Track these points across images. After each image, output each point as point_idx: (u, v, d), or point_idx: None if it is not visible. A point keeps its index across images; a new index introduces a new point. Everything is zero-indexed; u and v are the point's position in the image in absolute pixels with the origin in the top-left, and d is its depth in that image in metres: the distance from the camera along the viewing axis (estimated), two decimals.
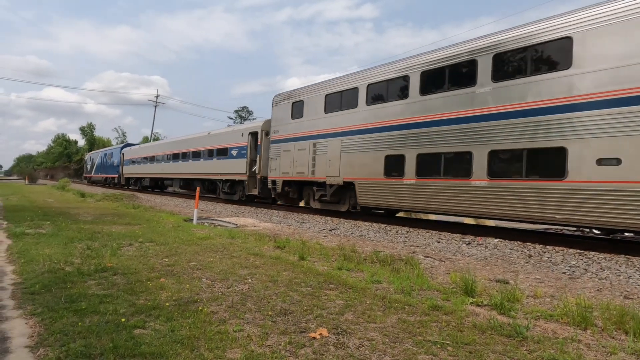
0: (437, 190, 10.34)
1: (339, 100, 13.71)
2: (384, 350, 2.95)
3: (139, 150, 34.53)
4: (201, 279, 4.81)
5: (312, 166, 14.47)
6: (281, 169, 15.99)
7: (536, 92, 8.59)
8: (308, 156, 14.62)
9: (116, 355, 2.67)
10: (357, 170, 12.69)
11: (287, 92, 16.43)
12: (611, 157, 7.45)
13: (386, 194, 11.71)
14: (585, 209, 7.73)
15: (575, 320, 3.68)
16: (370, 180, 12.24)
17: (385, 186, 11.72)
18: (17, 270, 4.94)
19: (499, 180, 9.12)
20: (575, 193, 7.86)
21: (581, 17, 8.08)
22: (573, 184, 7.90)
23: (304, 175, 14.83)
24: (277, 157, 16.28)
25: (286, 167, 15.72)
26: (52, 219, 10.30)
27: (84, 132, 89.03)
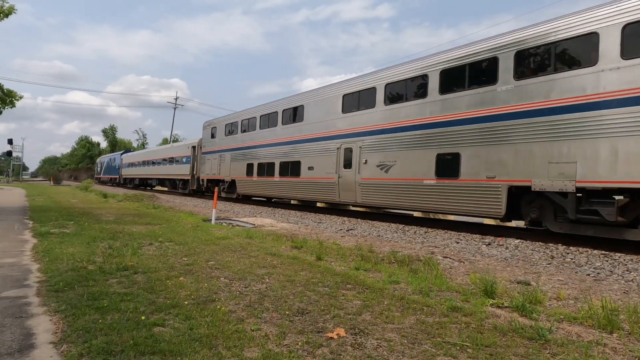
0: (280, 184, 17.14)
1: (230, 128, 21.80)
2: (402, 352, 2.92)
3: (132, 156, 44.13)
4: (219, 278, 4.86)
5: (218, 170, 22.36)
6: (205, 171, 23.93)
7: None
8: (218, 163, 22.46)
9: (136, 352, 2.71)
10: (237, 172, 20.39)
11: (209, 120, 24.61)
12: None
13: (253, 187, 19.14)
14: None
15: (601, 324, 3.57)
16: (244, 178, 19.77)
17: (253, 182, 19.05)
18: (42, 268, 5.08)
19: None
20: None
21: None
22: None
23: (215, 175, 22.70)
24: (204, 163, 24.28)
25: (208, 170, 23.61)
26: (76, 219, 10.56)
27: (106, 134, 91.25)
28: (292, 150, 16.35)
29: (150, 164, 35.97)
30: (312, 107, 15.58)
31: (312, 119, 15.47)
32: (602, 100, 7.77)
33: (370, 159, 12.69)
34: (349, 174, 13.41)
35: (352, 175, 13.29)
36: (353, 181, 13.24)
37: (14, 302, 3.76)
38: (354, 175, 13.21)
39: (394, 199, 11.95)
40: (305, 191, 15.53)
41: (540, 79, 8.70)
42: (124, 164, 45.05)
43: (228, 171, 21.17)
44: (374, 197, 12.59)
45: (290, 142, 16.51)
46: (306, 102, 15.92)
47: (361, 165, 12.97)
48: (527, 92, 8.89)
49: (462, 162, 10.08)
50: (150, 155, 37.10)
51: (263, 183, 18.13)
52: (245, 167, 19.57)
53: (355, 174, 13.19)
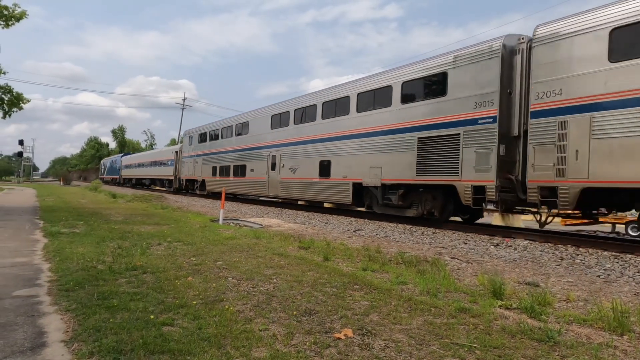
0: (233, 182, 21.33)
1: (202, 137, 26.12)
2: (410, 352, 2.92)
3: (130, 158, 48.93)
4: (227, 278, 4.88)
5: (193, 172, 26.91)
6: (184, 172, 28.60)
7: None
8: (193, 166, 27.00)
9: (146, 351, 2.74)
10: (206, 174, 24.77)
11: (187, 130, 29.58)
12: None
13: (217, 185, 22.96)
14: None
15: (611, 326, 3.53)
16: (210, 178, 24.06)
17: (216, 181, 23.18)
18: (52, 268, 5.14)
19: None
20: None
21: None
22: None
23: (191, 176, 27.22)
24: (183, 166, 29.03)
25: (186, 171, 28.28)
26: (85, 219, 10.68)
27: (116, 134, 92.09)
28: (241, 156, 20.91)
29: (144, 165, 41.17)
30: (253, 124, 20.18)
31: (253, 133, 20.05)
32: (393, 129, 12.22)
33: (286, 163, 17.06)
34: (274, 175, 17.78)
35: (276, 175, 17.65)
36: (276, 180, 17.60)
37: (26, 301, 3.81)
38: (277, 175, 17.58)
39: (298, 192, 16.48)
40: (249, 187, 20.14)
41: (360, 114, 13.59)
42: (123, 166, 49.93)
43: (200, 172, 25.75)
44: (288, 191, 17.08)
45: (240, 150, 21.16)
46: (250, 119, 20.54)
47: (281, 168, 17.35)
48: (364, 120, 13.32)
49: (332, 166, 14.46)
50: (144, 158, 42.67)
51: (223, 182, 22.23)
52: (211, 169, 24.16)
53: (277, 175, 17.56)
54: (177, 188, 30.89)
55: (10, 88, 15.22)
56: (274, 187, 17.77)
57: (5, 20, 13.97)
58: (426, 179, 11.04)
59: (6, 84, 15.20)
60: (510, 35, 9.81)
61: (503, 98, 9.61)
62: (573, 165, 8.12)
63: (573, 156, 8.12)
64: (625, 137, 7.37)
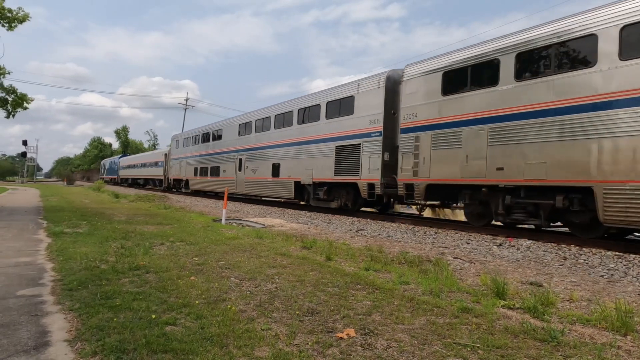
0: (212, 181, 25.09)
1: (186, 142, 30.19)
2: (412, 352, 2.91)
3: (127, 160, 53.05)
4: (230, 278, 4.89)
5: (179, 172, 31.00)
6: (172, 173, 32.57)
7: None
8: (179, 167, 31.06)
9: (149, 351, 2.74)
10: (189, 174, 28.71)
11: (175, 134, 34.29)
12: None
13: (197, 184, 27.29)
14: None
15: (615, 326, 3.52)
16: (192, 178, 27.95)
17: (197, 181, 27.25)
18: (56, 267, 5.16)
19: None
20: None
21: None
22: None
23: (178, 176, 31.26)
24: (171, 167, 33.10)
25: (173, 172, 32.30)
26: (89, 219, 10.72)
27: (119, 135, 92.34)
28: (216, 159, 24.64)
29: (139, 166, 45.59)
30: (225, 131, 24.11)
31: (225, 139, 23.92)
32: (320, 138, 15.70)
33: (249, 165, 20.67)
34: (240, 175, 21.42)
35: (242, 175, 21.24)
36: (242, 179, 21.18)
37: (30, 300, 3.83)
38: (242, 175, 21.19)
39: (258, 189, 19.98)
40: (222, 186, 22.50)
41: (299, 126, 17.16)
42: (121, 167, 54.09)
43: (185, 173, 29.68)
44: (250, 189, 20.62)
45: (215, 153, 24.92)
46: (223, 127, 24.50)
47: (245, 169, 20.97)
48: (302, 131, 16.82)
49: (281, 168, 17.94)
50: (138, 160, 47.12)
51: (202, 181, 26.42)
52: (193, 170, 28.02)
53: (243, 175, 21.14)
54: (167, 187, 34.81)
55: (14, 89, 15.30)
56: (240, 185, 21.43)
57: (9, 22, 14.05)
58: (340, 178, 14.58)
59: (10, 85, 15.29)
60: (394, 70, 13.26)
61: (387, 118, 12.92)
62: (422, 168, 11.33)
63: (422, 161, 11.34)
64: (446, 149, 10.82)
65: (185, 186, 29.65)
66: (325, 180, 15.25)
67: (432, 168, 11.06)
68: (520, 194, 9.44)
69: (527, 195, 9.34)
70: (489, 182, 9.81)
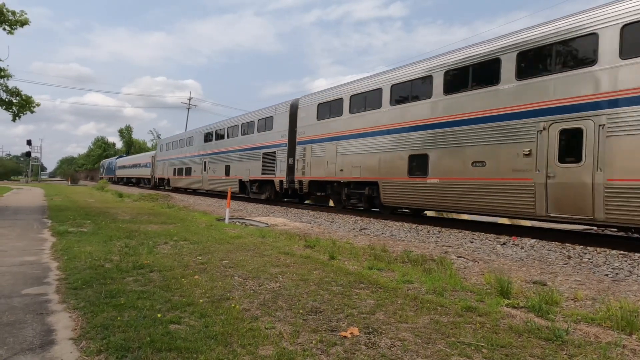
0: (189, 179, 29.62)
1: (168, 146, 35.04)
2: (416, 351, 2.91)
3: (123, 160, 57.65)
4: (233, 276, 4.90)
5: (162, 172, 35.86)
6: (158, 173, 37.33)
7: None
8: (162, 168, 35.97)
9: (153, 349, 2.75)
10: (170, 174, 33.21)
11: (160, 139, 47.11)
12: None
13: (177, 183, 31.47)
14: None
15: (619, 325, 3.50)
16: (172, 177, 32.44)
17: (176, 180, 31.52)
18: (61, 266, 5.19)
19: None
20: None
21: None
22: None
23: (162, 175, 35.98)
24: (157, 167, 37.93)
25: (158, 172, 37.20)
26: (93, 218, 10.76)
27: (122, 134, 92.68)
28: (189, 161, 29.60)
29: (132, 167, 50.60)
30: (195, 138, 29.05)
31: (195, 144, 28.74)
32: (253, 147, 20.60)
33: (211, 167, 25.52)
34: (205, 174, 26.25)
35: (206, 175, 26.07)
36: (207, 178, 25.98)
37: (35, 299, 3.85)
38: (207, 175, 26.01)
39: (216, 186, 24.70)
40: (193, 183, 28.65)
41: (242, 137, 21.86)
42: (117, 167, 58.58)
43: (167, 173, 34.59)
44: (211, 185, 25.45)
45: (188, 157, 29.92)
46: (194, 135, 29.43)
47: (208, 170, 25.78)
48: (244, 140, 21.72)
49: (230, 169, 22.65)
50: (131, 161, 52.39)
51: (179, 179, 31.17)
52: (172, 170, 32.89)
53: (207, 174, 25.96)
54: (154, 185, 39.30)
55: (18, 91, 15.35)
56: (205, 183, 26.39)
57: (10, 25, 14.13)
58: (265, 177, 19.34)
59: (15, 87, 15.34)
60: (296, 99, 17.95)
61: (291, 133, 17.56)
62: (307, 169, 16.20)
63: (307, 165, 16.22)
64: (319, 157, 15.57)
65: (167, 184, 34.54)
66: (257, 178, 20.18)
67: (312, 170, 16.02)
68: (351, 187, 14.40)
69: (355, 187, 14.25)
70: (337, 179, 14.75)
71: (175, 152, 32.75)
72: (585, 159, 7.98)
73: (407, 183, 11.75)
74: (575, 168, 8.12)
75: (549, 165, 8.52)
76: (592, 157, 7.87)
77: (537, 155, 8.73)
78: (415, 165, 11.63)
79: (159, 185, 37.33)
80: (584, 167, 7.97)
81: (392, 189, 12.27)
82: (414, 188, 11.58)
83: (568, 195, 8.20)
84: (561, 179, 8.33)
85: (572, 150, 8.22)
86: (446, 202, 10.70)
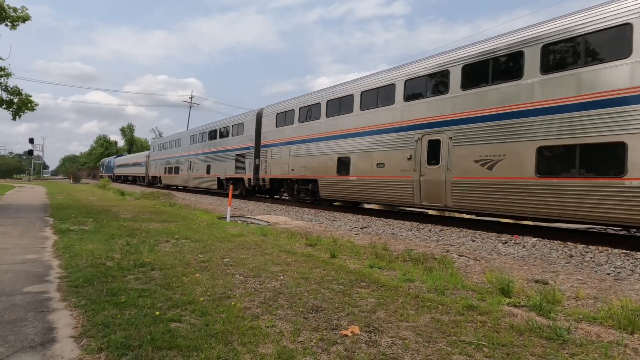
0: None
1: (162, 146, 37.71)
2: (417, 350, 2.90)
3: (120, 160, 60.98)
4: (234, 275, 4.90)
5: (155, 170, 38.69)
6: (151, 171, 40.46)
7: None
8: (155, 167, 38.78)
9: (154, 347, 2.76)
10: (161, 172, 36.69)
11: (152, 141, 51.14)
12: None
13: (167, 180, 35.25)
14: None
15: (621, 324, 3.49)
16: (163, 175, 36.13)
17: (166, 177, 35.26)
18: (62, 264, 5.20)
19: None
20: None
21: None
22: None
23: (155, 174, 38.89)
24: (150, 166, 40.97)
25: (151, 170, 40.24)
26: (94, 217, 10.78)
27: (124, 132, 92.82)
28: (177, 160, 32.77)
29: (129, 165, 53.80)
30: (183, 141, 31.91)
31: (183, 146, 31.62)
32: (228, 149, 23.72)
33: (195, 166, 28.45)
34: (191, 173, 29.24)
35: (192, 173, 29.05)
36: (192, 176, 28.93)
37: (36, 297, 3.86)
38: (192, 173, 28.98)
39: (200, 183, 27.55)
40: (180, 181, 31.93)
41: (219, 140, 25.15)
42: (115, 165, 61.82)
43: (159, 171, 37.82)
44: (195, 183, 28.40)
45: (176, 157, 32.95)
46: (181, 137, 32.55)
47: (193, 169, 28.67)
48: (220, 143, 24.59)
49: (211, 168, 25.52)
50: (128, 160, 55.80)
51: (169, 177, 34.46)
52: (163, 169, 36.27)
53: (192, 173, 28.97)
54: (148, 182, 42.49)
55: (19, 90, 15.38)
56: (190, 180, 29.27)
57: (12, 21, 14.15)
58: (238, 175, 21.94)
59: (15, 86, 15.37)
60: (262, 108, 20.56)
61: (257, 138, 20.34)
62: (268, 169, 19.01)
63: (268, 165, 18.96)
64: (277, 159, 18.42)
65: (159, 181, 38.09)
66: (231, 176, 22.70)
67: (272, 169, 18.84)
68: (300, 183, 17.27)
69: (302, 184, 17.11)
70: (290, 177, 17.68)
71: (166, 152, 36.14)
72: (441, 162, 10.87)
73: (337, 180, 14.76)
74: (435, 169, 11.01)
75: (422, 166, 11.42)
76: (446, 160, 10.76)
77: (415, 159, 11.59)
78: (341, 165, 14.56)
79: (152, 182, 40.65)
80: (441, 168, 10.87)
81: (327, 185, 15.34)
82: (341, 184, 14.61)
83: (432, 188, 11.10)
84: (428, 177, 11.20)
85: (434, 156, 11.07)
86: (362, 195, 13.78)
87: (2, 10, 13.78)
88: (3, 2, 13.79)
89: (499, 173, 9.57)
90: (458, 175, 10.39)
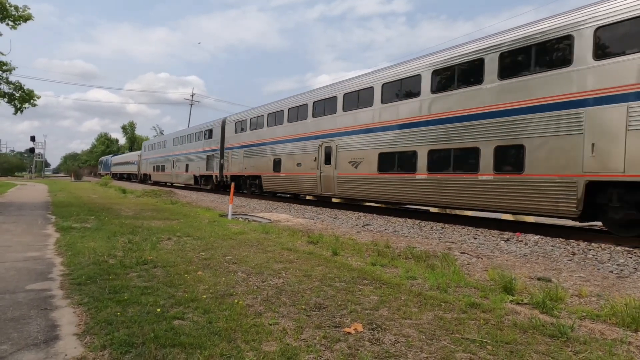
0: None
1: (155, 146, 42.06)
2: (420, 347, 2.90)
3: (116, 158, 65.20)
4: (237, 272, 4.90)
5: (147, 168, 43.77)
6: (143, 169, 45.56)
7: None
8: (146, 165, 43.89)
9: (157, 345, 2.76)
10: (151, 170, 41.92)
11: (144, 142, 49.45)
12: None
13: (156, 177, 40.36)
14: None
15: (625, 322, 3.48)
16: (152, 172, 41.56)
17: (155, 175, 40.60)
18: (64, 262, 5.20)
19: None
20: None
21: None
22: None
23: (146, 172, 43.97)
24: (142, 165, 46.13)
25: (143, 169, 45.62)
26: (96, 214, 10.79)
27: (125, 130, 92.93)
28: (163, 160, 37.57)
29: (124, 164, 58.25)
30: (168, 142, 36.58)
31: (167, 147, 36.40)
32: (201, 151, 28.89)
33: (177, 164, 33.03)
34: (174, 171, 33.85)
35: (175, 171, 33.67)
36: (175, 173, 33.64)
37: (39, 294, 3.86)
38: (175, 171, 33.68)
39: (180, 180, 32.20)
40: (167, 178, 36.29)
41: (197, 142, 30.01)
42: (112, 164, 65.55)
43: (149, 169, 42.44)
44: (178, 179, 33.15)
45: (162, 157, 37.79)
46: (166, 139, 37.54)
47: (176, 167, 33.13)
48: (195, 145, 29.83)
49: (189, 166, 30.57)
50: (123, 159, 60.24)
51: (158, 174, 39.05)
52: (152, 167, 40.93)
53: (175, 170, 33.73)
54: (140, 180, 46.28)
55: (21, 85, 15.41)
56: (174, 177, 34.17)
57: (14, 20, 14.14)
58: (208, 172, 26.53)
59: (17, 81, 15.39)
60: (225, 117, 25.43)
61: (222, 142, 24.85)
62: (230, 167, 23.59)
63: (230, 164, 23.58)
64: (235, 159, 23.09)
65: (149, 179, 42.64)
66: (204, 173, 27.37)
67: (232, 168, 23.31)
68: (251, 179, 21.59)
69: (252, 179, 21.45)
70: (243, 174, 22.09)
71: (154, 152, 41.24)
72: (332, 163, 15.30)
73: (273, 176, 19.24)
74: (329, 167, 15.45)
75: (321, 166, 15.89)
76: (335, 161, 15.18)
77: (318, 160, 16.04)
78: (276, 165, 19.00)
79: (144, 180, 45.37)
80: (332, 167, 15.30)
81: (267, 180, 19.91)
82: (276, 179, 19.09)
83: (327, 182, 15.58)
84: (325, 173, 15.65)
85: (328, 158, 15.52)
86: (289, 187, 18.24)
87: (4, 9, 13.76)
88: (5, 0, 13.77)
89: (360, 170, 14.05)
90: (341, 172, 14.91)
